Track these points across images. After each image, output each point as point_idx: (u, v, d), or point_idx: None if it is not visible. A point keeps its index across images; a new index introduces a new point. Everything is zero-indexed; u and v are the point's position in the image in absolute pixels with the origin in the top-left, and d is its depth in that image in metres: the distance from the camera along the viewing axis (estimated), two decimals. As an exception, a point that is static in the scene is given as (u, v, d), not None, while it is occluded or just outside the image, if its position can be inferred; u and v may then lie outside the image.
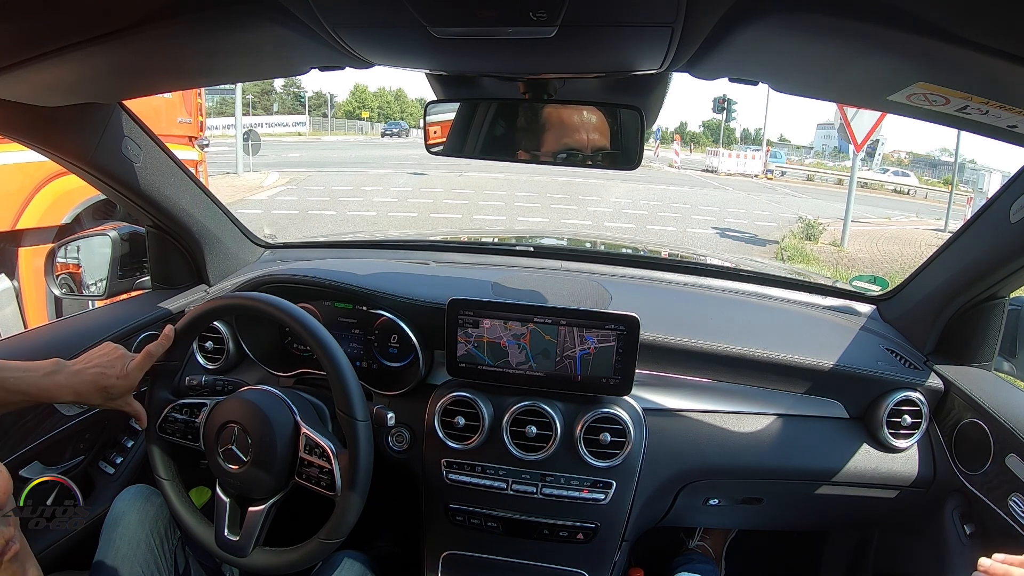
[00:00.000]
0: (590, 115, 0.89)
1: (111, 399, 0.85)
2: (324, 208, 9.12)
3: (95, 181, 1.05)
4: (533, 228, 8.33)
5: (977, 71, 0.49)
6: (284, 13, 0.56)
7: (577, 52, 0.66)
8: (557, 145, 0.90)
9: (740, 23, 0.52)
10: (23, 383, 0.78)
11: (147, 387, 0.93)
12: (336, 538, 0.84)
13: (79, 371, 0.83)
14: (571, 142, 0.90)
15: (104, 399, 0.85)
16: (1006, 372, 1.12)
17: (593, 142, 0.89)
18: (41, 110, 0.86)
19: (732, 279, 1.38)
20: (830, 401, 1.08)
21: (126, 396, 0.88)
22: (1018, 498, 0.90)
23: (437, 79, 0.94)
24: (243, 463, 0.85)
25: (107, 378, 0.84)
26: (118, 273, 1.26)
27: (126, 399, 0.88)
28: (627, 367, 0.97)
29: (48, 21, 0.56)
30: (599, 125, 0.89)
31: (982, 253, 0.98)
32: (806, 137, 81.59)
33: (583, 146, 0.90)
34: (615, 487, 1.00)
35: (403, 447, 1.09)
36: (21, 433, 0.97)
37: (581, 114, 0.89)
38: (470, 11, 0.53)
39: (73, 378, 0.82)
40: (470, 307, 0.99)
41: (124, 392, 0.86)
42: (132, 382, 0.87)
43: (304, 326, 0.86)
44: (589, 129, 0.89)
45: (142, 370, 0.88)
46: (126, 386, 0.86)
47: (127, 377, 0.86)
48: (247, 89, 24.65)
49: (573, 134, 0.89)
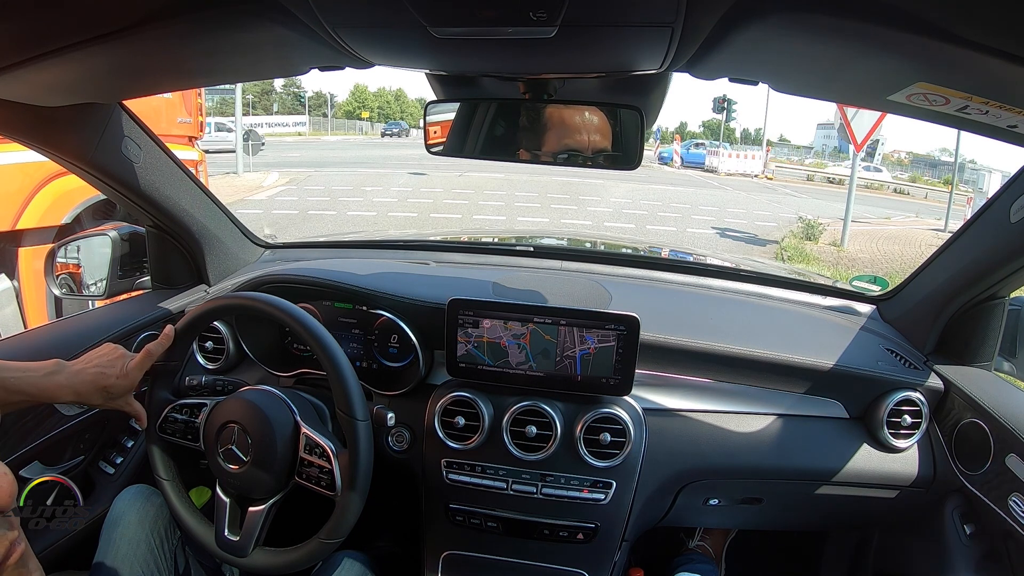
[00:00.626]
0: (590, 115, 0.89)
1: (111, 399, 0.85)
2: (324, 208, 9.12)
3: (95, 181, 1.05)
4: (533, 228, 8.33)
5: (977, 71, 0.49)
6: (284, 13, 0.56)
7: (577, 52, 0.66)
8: (557, 145, 0.90)
9: (740, 23, 0.52)
10: (23, 383, 0.78)
11: (147, 387, 0.93)
12: (336, 538, 0.84)
13: (79, 371, 0.83)
14: (571, 142, 0.90)
15: (104, 399, 0.84)
16: (1006, 372, 1.12)
17: (593, 142, 0.89)
18: (41, 110, 0.86)
19: (732, 279, 1.38)
20: (830, 401, 1.08)
21: (126, 396, 0.88)
22: (1018, 498, 0.90)
23: (437, 79, 0.94)
24: (243, 463, 0.85)
25: (107, 378, 0.84)
26: (118, 273, 1.26)
27: (126, 399, 0.88)
28: (627, 367, 0.97)
29: (48, 21, 0.56)
30: (599, 125, 0.89)
31: (982, 253, 0.98)
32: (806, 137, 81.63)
33: (583, 146, 0.90)
34: (615, 487, 1.00)
35: (403, 447, 1.08)
36: (21, 433, 0.97)
37: (581, 114, 0.89)
38: (470, 11, 0.53)
39: (73, 378, 0.82)
40: (470, 307, 0.99)
41: (124, 392, 0.86)
42: (132, 382, 0.87)
43: (304, 326, 0.86)
44: (589, 129, 0.89)
45: (142, 370, 0.88)
46: (126, 386, 0.86)
47: (127, 377, 0.86)
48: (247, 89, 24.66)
49: (573, 134, 0.89)
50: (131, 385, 0.87)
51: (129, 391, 0.88)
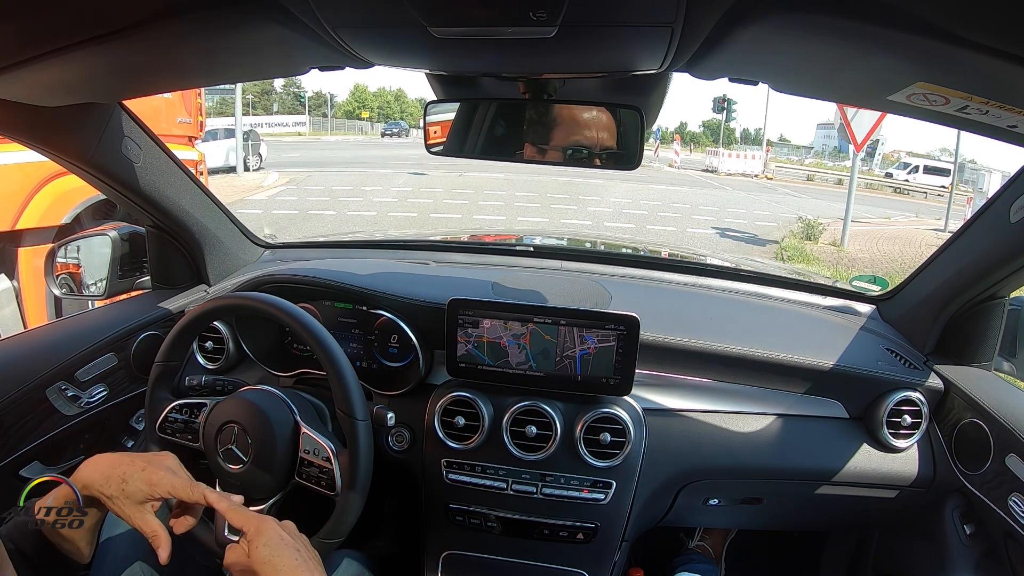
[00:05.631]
0: (590, 115, 0.89)
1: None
2: (324, 208, 9.12)
3: (95, 181, 1.05)
4: (533, 228, 8.32)
5: (977, 71, 0.49)
6: (284, 13, 0.56)
7: (577, 52, 0.66)
8: (557, 145, 0.90)
9: (740, 23, 0.52)
10: None
11: (147, 387, 0.93)
12: (336, 538, 0.84)
13: None
14: (571, 142, 0.90)
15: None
16: (1006, 372, 1.12)
17: (593, 142, 0.89)
18: (41, 110, 0.86)
19: (732, 279, 1.38)
20: (830, 401, 1.08)
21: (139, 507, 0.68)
22: (1018, 498, 0.90)
23: (437, 79, 0.94)
24: (243, 463, 0.85)
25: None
26: (118, 273, 1.26)
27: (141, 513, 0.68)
28: (627, 367, 0.97)
29: (48, 21, 0.56)
30: (599, 125, 0.89)
31: (982, 253, 0.98)
32: (806, 137, 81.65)
33: (583, 146, 0.90)
34: (615, 487, 1.00)
35: (403, 447, 1.08)
36: (21, 433, 0.97)
37: (582, 114, 0.89)
38: (470, 11, 0.53)
39: None
40: (470, 307, 0.99)
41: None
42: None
43: (304, 326, 0.86)
44: (589, 129, 0.89)
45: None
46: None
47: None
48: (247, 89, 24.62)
49: (573, 134, 0.89)
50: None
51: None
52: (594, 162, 0.91)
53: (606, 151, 0.90)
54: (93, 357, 1.07)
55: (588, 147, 0.90)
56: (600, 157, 0.90)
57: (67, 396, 1.03)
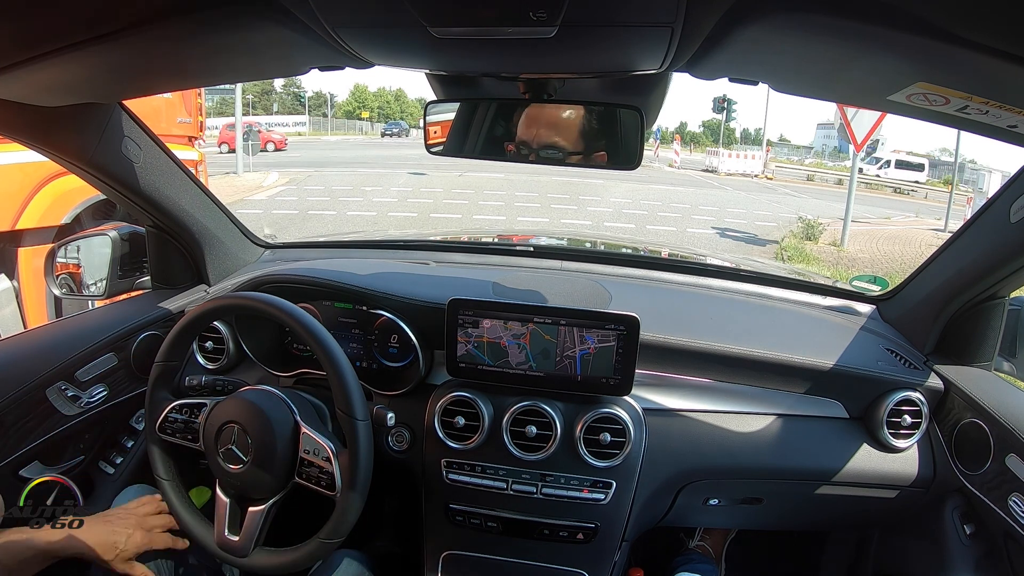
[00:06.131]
0: (590, 115, 0.89)
1: None
2: (324, 208, 9.12)
3: (95, 181, 1.05)
4: (533, 228, 8.32)
5: (977, 71, 0.49)
6: (284, 13, 0.56)
7: (577, 52, 0.66)
8: (557, 145, 0.90)
9: (740, 23, 0.52)
10: None
11: (147, 387, 0.93)
12: (336, 538, 0.84)
13: None
14: (571, 142, 0.90)
15: None
16: (1006, 372, 1.12)
17: (593, 142, 0.89)
18: (41, 110, 0.86)
19: (732, 279, 1.38)
20: (830, 401, 1.08)
21: None
22: (1018, 498, 0.90)
23: (437, 79, 0.94)
24: (243, 463, 0.85)
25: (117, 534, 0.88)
26: (118, 273, 1.26)
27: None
28: (627, 367, 0.97)
29: (48, 21, 0.56)
30: (599, 125, 0.89)
31: (982, 253, 0.98)
32: (806, 137, 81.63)
33: (583, 146, 0.90)
34: (615, 487, 1.00)
35: (403, 447, 1.08)
36: (21, 433, 0.97)
37: (581, 114, 0.89)
38: (470, 11, 0.53)
39: None
40: (470, 307, 0.99)
41: None
42: None
43: (304, 326, 0.86)
44: (589, 129, 0.89)
45: None
46: None
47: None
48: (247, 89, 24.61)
49: (574, 134, 0.89)
50: None
51: None
52: (594, 162, 0.91)
53: (606, 151, 0.90)
54: (93, 357, 1.07)
55: (588, 147, 0.90)
56: (600, 157, 0.90)
57: (67, 396, 1.03)
